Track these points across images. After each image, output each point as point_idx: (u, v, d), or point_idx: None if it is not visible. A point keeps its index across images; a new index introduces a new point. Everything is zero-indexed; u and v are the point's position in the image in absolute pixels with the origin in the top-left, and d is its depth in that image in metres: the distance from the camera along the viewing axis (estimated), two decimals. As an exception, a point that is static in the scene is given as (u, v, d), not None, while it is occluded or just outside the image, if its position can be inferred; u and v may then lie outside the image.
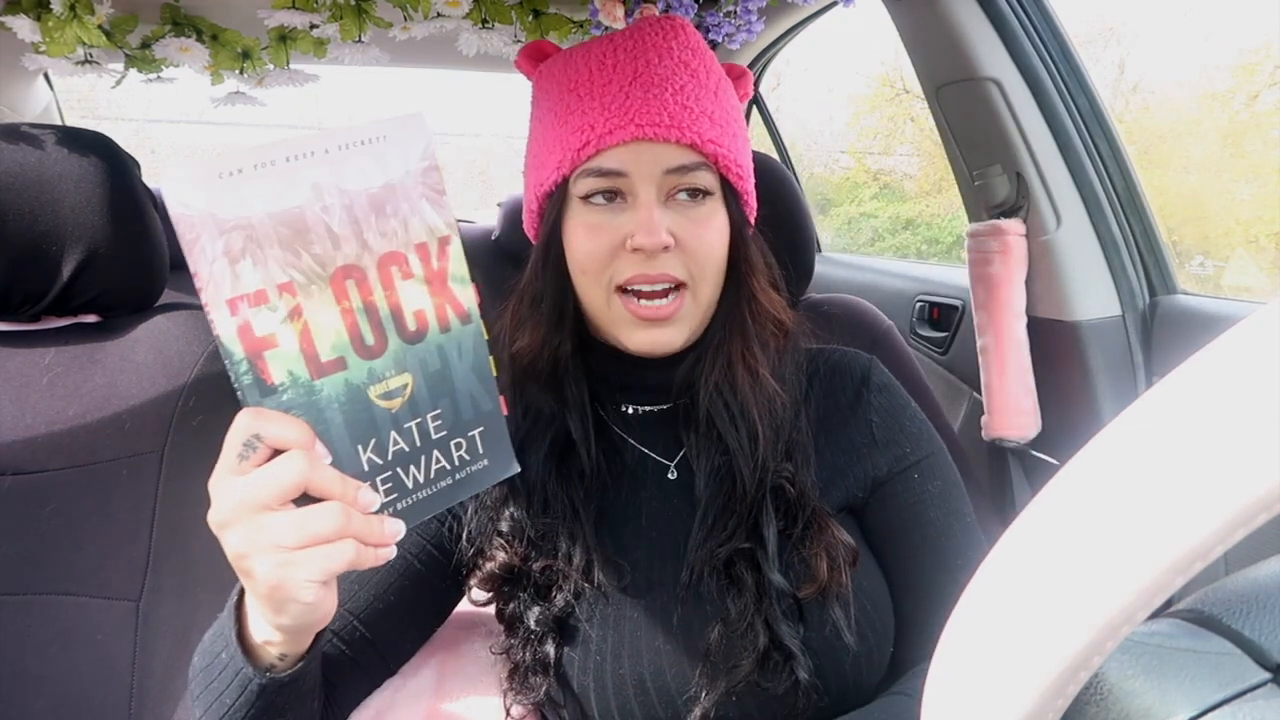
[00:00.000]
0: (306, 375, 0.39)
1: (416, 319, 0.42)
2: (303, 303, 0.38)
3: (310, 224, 0.38)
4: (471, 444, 0.45)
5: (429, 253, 0.42)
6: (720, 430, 0.60)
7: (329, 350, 0.39)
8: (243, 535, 0.38)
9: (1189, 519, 0.18)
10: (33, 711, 0.76)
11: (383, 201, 0.40)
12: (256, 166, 0.37)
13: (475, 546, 0.62)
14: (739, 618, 0.56)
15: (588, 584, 0.59)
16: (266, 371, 0.38)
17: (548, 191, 0.61)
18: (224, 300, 0.37)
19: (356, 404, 0.41)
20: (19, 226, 0.76)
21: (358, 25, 1.07)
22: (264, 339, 0.38)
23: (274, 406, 0.38)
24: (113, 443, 0.80)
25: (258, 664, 0.45)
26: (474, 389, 0.45)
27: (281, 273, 0.38)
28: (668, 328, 0.59)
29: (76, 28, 0.97)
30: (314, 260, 0.39)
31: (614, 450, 0.65)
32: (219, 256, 0.36)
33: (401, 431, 0.42)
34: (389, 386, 0.41)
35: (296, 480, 0.38)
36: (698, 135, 0.57)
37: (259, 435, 0.38)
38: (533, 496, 0.62)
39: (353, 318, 0.40)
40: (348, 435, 0.41)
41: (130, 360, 0.83)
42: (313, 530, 0.38)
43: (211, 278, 0.36)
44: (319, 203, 0.39)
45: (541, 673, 0.58)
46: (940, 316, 1.44)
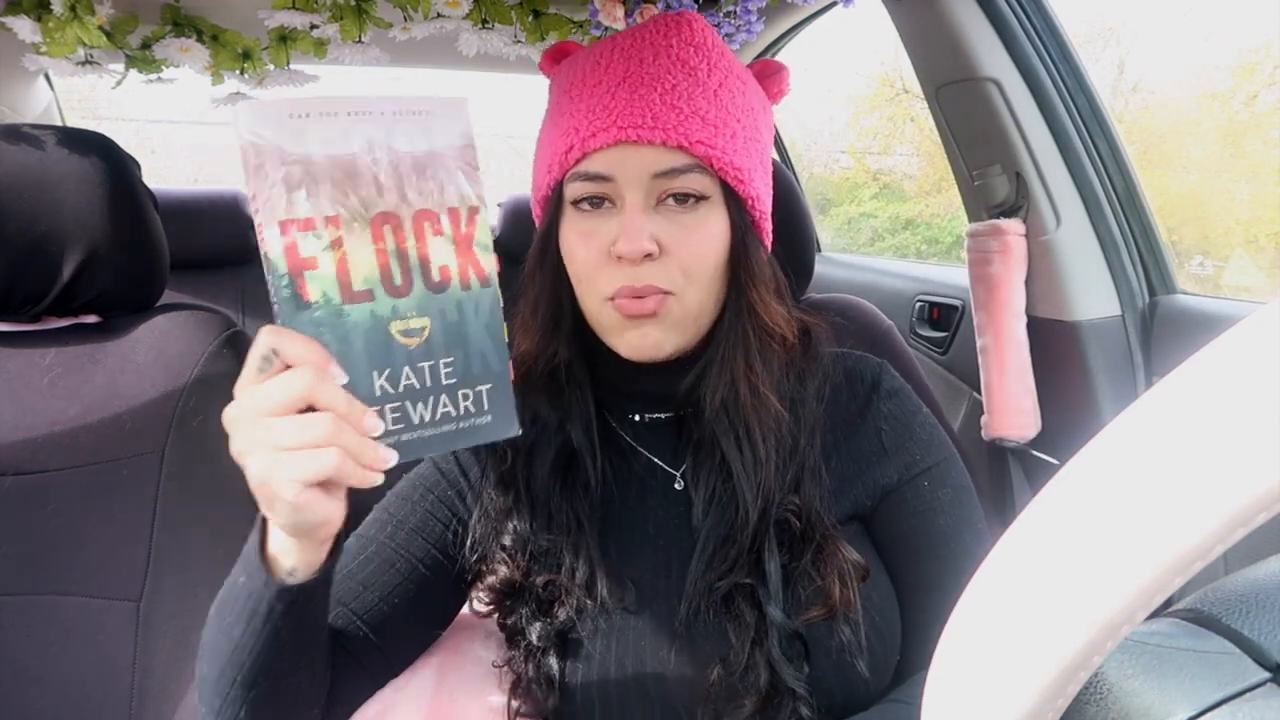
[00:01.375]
0: (339, 299, 0.43)
1: (441, 272, 0.46)
2: (344, 235, 0.43)
3: (360, 170, 0.43)
4: (478, 398, 0.48)
5: (459, 217, 0.47)
6: (724, 451, 0.58)
7: (361, 281, 0.44)
8: (246, 434, 0.41)
9: (1189, 519, 0.18)
10: (33, 711, 0.76)
11: (425, 165, 0.45)
12: (322, 114, 0.42)
13: (478, 556, 0.61)
14: (737, 657, 0.55)
15: (590, 600, 0.58)
16: (305, 289, 0.42)
17: (545, 195, 0.60)
18: (277, 220, 0.41)
19: (378, 334, 0.44)
20: (19, 227, 0.76)
21: (358, 26, 1.07)
22: (307, 260, 0.42)
23: (305, 321, 0.43)
24: (113, 443, 0.80)
25: (272, 574, 0.47)
26: (486, 347, 0.48)
27: (330, 207, 0.43)
28: (653, 326, 0.56)
29: (77, 28, 0.97)
30: (359, 202, 0.43)
31: (621, 457, 0.64)
32: (279, 183, 0.41)
33: (415, 369, 0.46)
34: (409, 325, 0.45)
35: (300, 392, 0.40)
36: (685, 136, 0.54)
37: (276, 350, 0.41)
38: (537, 509, 0.61)
39: (385, 258, 0.44)
40: (365, 360, 0.44)
41: (130, 360, 0.83)
42: (303, 436, 0.40)
43: (269, 200, 0.41)
44: (370, 155, 0.44)
45: (546, 686, 0.58)
46: (940, 316, 1.44)
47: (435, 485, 0.64)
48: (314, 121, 0.42)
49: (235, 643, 0.48)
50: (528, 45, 1.13)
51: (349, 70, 1.27)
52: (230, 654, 0.48)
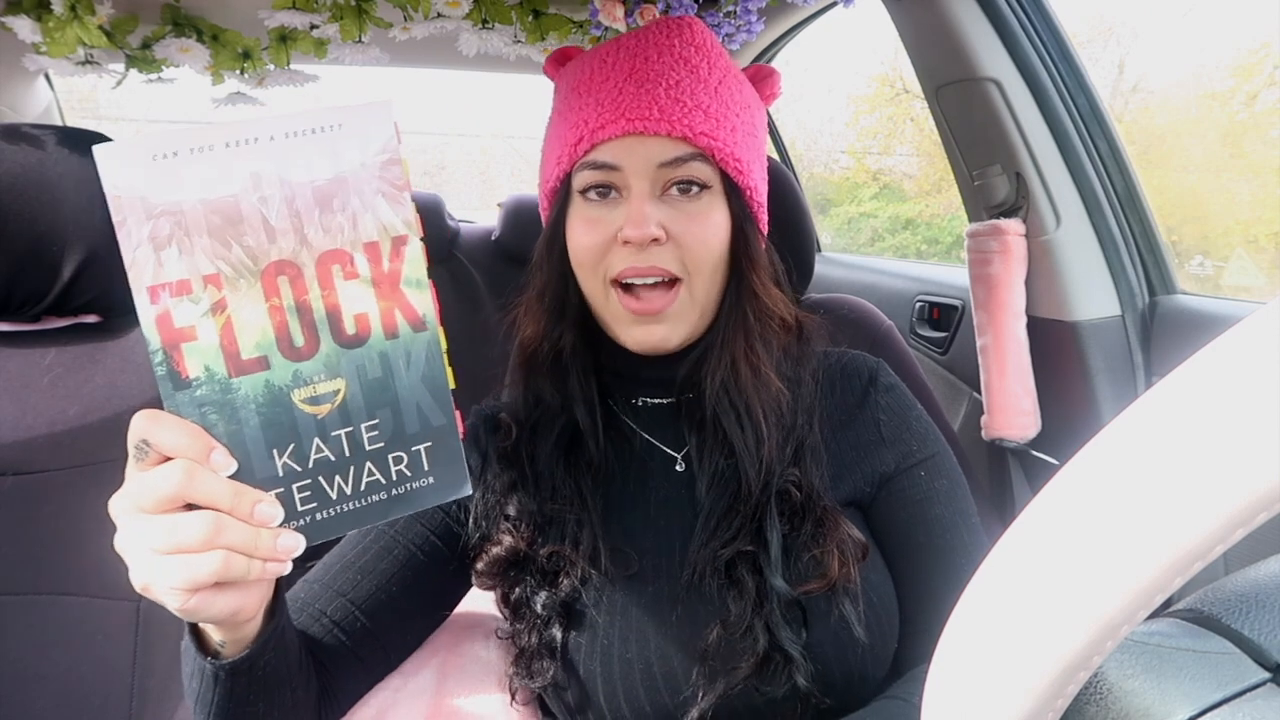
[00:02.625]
0: (224, 372, 0.38)
1: (357, 322, 0.40)
2: (228, 296, 0.37)
3: (245, 214, 0.37)
4: (415, 459, 0.42)
5: (380, 253, 0.40)
6: (726, 430, 0.61)
7: (252, 348, 0.38)
8: (123, 532, 0.38)
9: (1189, 519, 0.18)
10: (34, 711, 0.76)
11: (330, 195, 0.38)
12: (193, 150, 0.36)
13: (481, 531, 0.62)
14: (738, 620, 0.56)
15: (594, 570, 0.59)
16: (182, 364, 0.37)
17: (553, 187, 0.62)
18: (145, 287, 0.36)
19: (277, 406, 0.39)
20: (20, 227, 0.76)
21: (358, 25, 1.07)
22: (182, 330, 0.37)
23: (185, 401, 0.37)
24: (113, 443, 0.80)
25: (204, 649, 0.45)
26: (423, 401, 0.42)
27: (209, 263, 0.36)
28: (661, 324, 0.60)
29: (77, 28, 0.98)
30: (245, 253, 0.37)
31: (623, 440, 0.66)
32: (144, 241, 0.35)
33: (328, 439, 0.40)
34: (316, 391, 0.39)
35: (170, 492, 0.36)
36: (689, 128, 0.58)
37: (148, 442, 0.37)
38: (541, 483, 0.62)
39: (282, 316, 0.38)
40: (263, 438, 0.39)
41: (130, 360, 0.83)
42: (177, 539, 0.36)
43: (135, 263, 0.35)
44: (256, 193, 0.37)
45: (548, 656, 0.59)
46: (940, 316, 1.44)
47: None
48: (184, 161, 0.36)
49: (197, 693, 0.47)
50: (528, 45, 1.13)
51: (349, 70, 1.27)
52: (196, 699, 0.48)
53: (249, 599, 0.41)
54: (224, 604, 0.39)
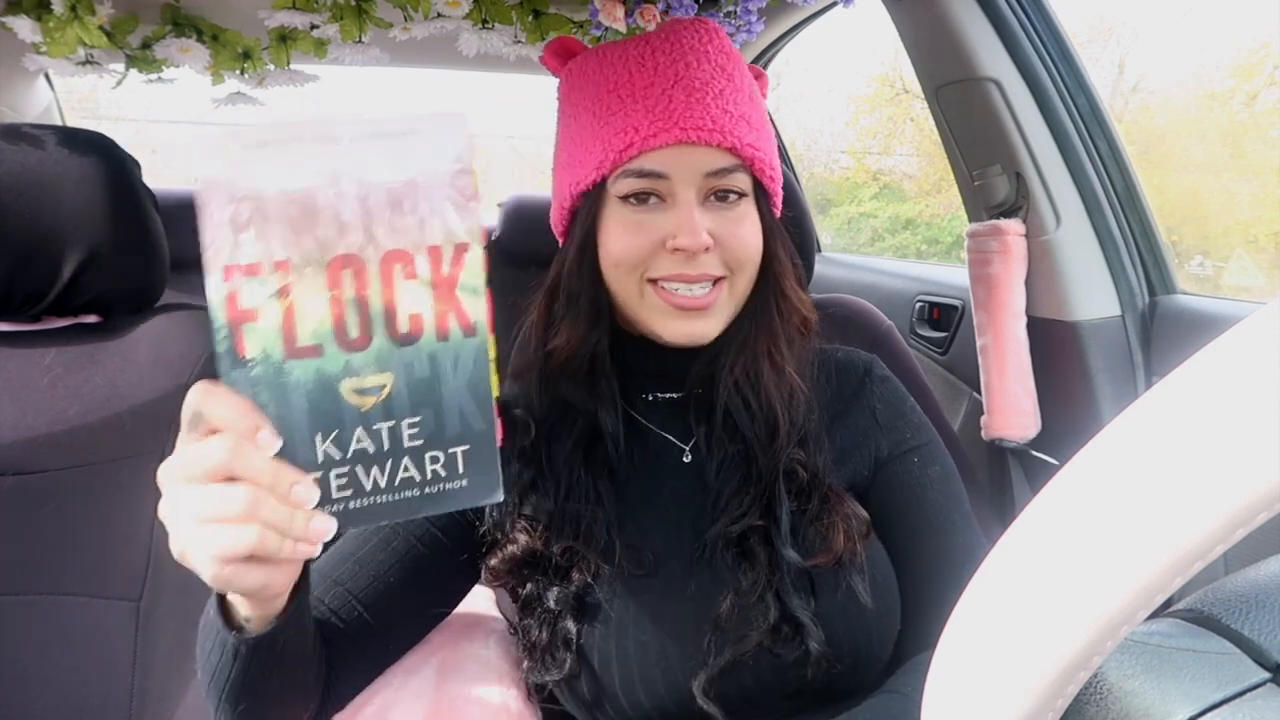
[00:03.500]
0: (280, 355, 0.39)
1: (411, 321, 0.41)
2: (293, 282, 0.38)
3: (320, 207, 0.39)
4: (451, 461, 0.43)
5: (441, 257, 0.41)
6: (737, 422, 0.62)
7: (309, 335, 0.39)
8: (167, 499, 0.40)
9: (1189, 519, 0.18)
10: (33, 711, 0.76)
11: (401, 197, 0.40)
12: (281, 143, 0.38)
13: (497, 527, 0.63)
14: (750, 589, 0.58)
15: (608, 565, 0.60)
16: (241, 343, 0.38)
17: (584, 190, 0.62)
18: (220, 265, 0.37)
19: (325, 394, 0.40)
20: (20, 227, 0.76)
21: (358, 25, 1.07)
22: (247, 311, 0.38)
23: (240, 378, 0.39)
24: (113, 443, 0.80)
25: (229, 623, 0.46)
26: (465, 405, 0.43)
27: (280, 249, 0.38)
28: (705, 318, 0.61)
29: (77, 28, 0.98)
30: (315, 243, 0.39)
31: (636, 435, 0.67)
32: (224, 223, 0.37)
33: (369, 431, 0.41)
34: (364, 383, 0.41)
35: (215, 464, 0.38)
36: (738, 140, 0.59)
37: (200, 414, 0.39)
38: (559, 482, 0.63)
39: (340, 307, 0.40)
40: (308, 423, 0.40)
41: (130, 360, 0.83)
42: (216, 510, 0.38)
43: (213, 242, 0.37)
44: (333, 188, 0.39)
45: (564, 648, 0.59)
46: (940, 316, 1.44)
47: None
48: (269, 151, 0.38)
49: (214, 667, 0.48)
50: (528, 45, 1.13)
51: (350, 70, 1.27)
52: (212, 675, 0.49)
53: (278, 576, 0.42)
54: (254, 577, 0.40)
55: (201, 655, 0.50)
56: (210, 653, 0.48)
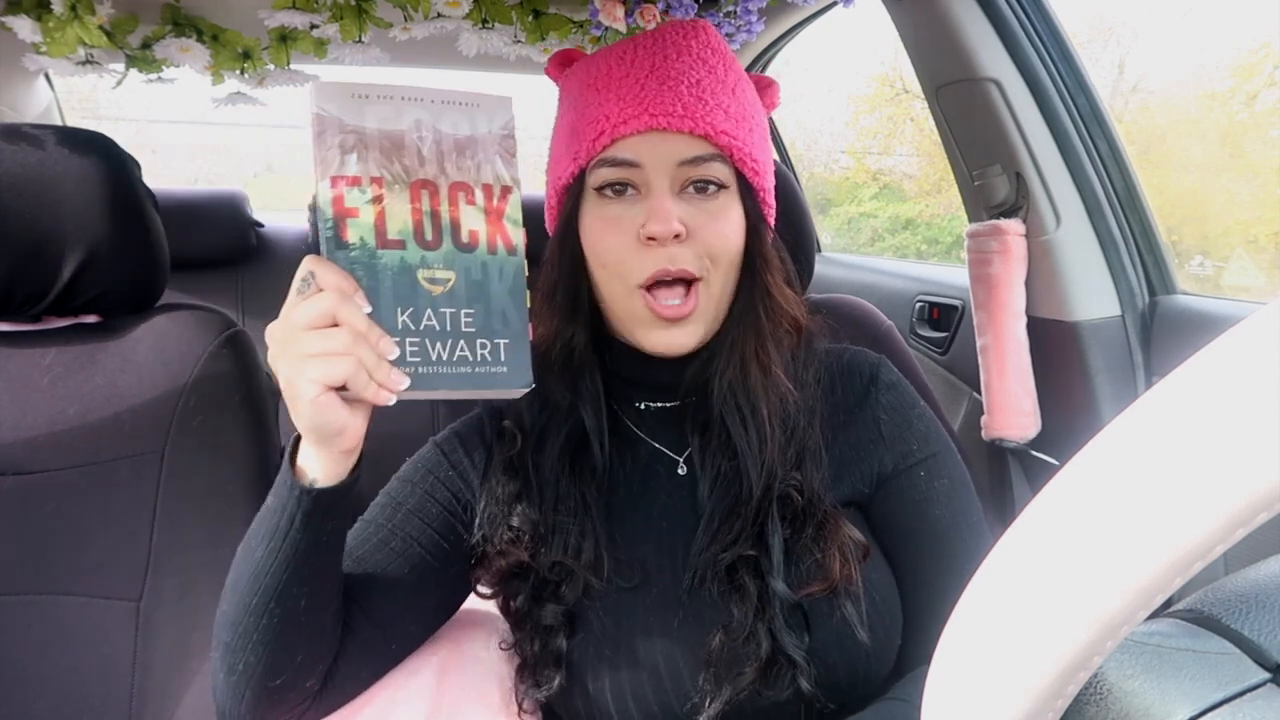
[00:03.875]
0: (374, 243, 0.49)
1: (470, 235, 0.51)
2: (385, 194, 0.49)
3: (407, 144, 0.50)
4: (495, 349, 0.52)
5: (492, 192, 0.52)
6: (730, 431, 0.60)
7: (395, 232, 0.49)
8: (279, 342, 0.47)
9: (1189, 519, 0.18)
10: (33, 711, 0.76)
11: (465, 146, 0.51)
12: (380, 97, 0.49)
13: (484, 537, 0.62)
14: (740, 625, 0.56)
15: (597, 579, 0.59)
16: (345, 232, 0.48)
17: (565, 184, 0.62)
18: (329, 175, 0.48)
19: (406, 277, 0.49)
20: (20, 227, 0.76)
21: (358, 25, 1.07)
22: (350, 209, 0.48)
23: (342, 258, 0.48)
24: (113, 443, 0.80)
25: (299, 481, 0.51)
26: (506, 306, 0.52)
27: (376, 169, 0.49)
28: (684, 327, 0.60)
29: (77, 28, 0.98)
30: (402, 168, 0.50)
31: (627, 445, 0.66)
32: (335, 147, 0.48)
33: (437, 312, 0.50)
34: (435, 274, 0.50)
35: (326, 309, 0.46)
36: (711, 127, 0.58)
37: (313, 273, 0.47)
38: (545, 492, 0.62)
39: (420, 216, 0.50)
40: (392, 297, 0.49)
41: (131, 360, 0.83)
42: (324, 344, 0.46)
43: (325, 159, 0.48)
44: (417, 132, 0.50)
45: (553, 666, 0.59)
46: (940, 316, 1.44)
47: (436, 467, 0.65)
48: (372, 101, 0.49)
49: (256, 565, 0.52)
50: (528, 45, 1.13)
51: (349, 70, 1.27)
52: (250, 579, 0.52)
53: (355, 422, 0.49)
54: (340, 414, 0.47)
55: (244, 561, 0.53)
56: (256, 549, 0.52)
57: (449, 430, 0.68)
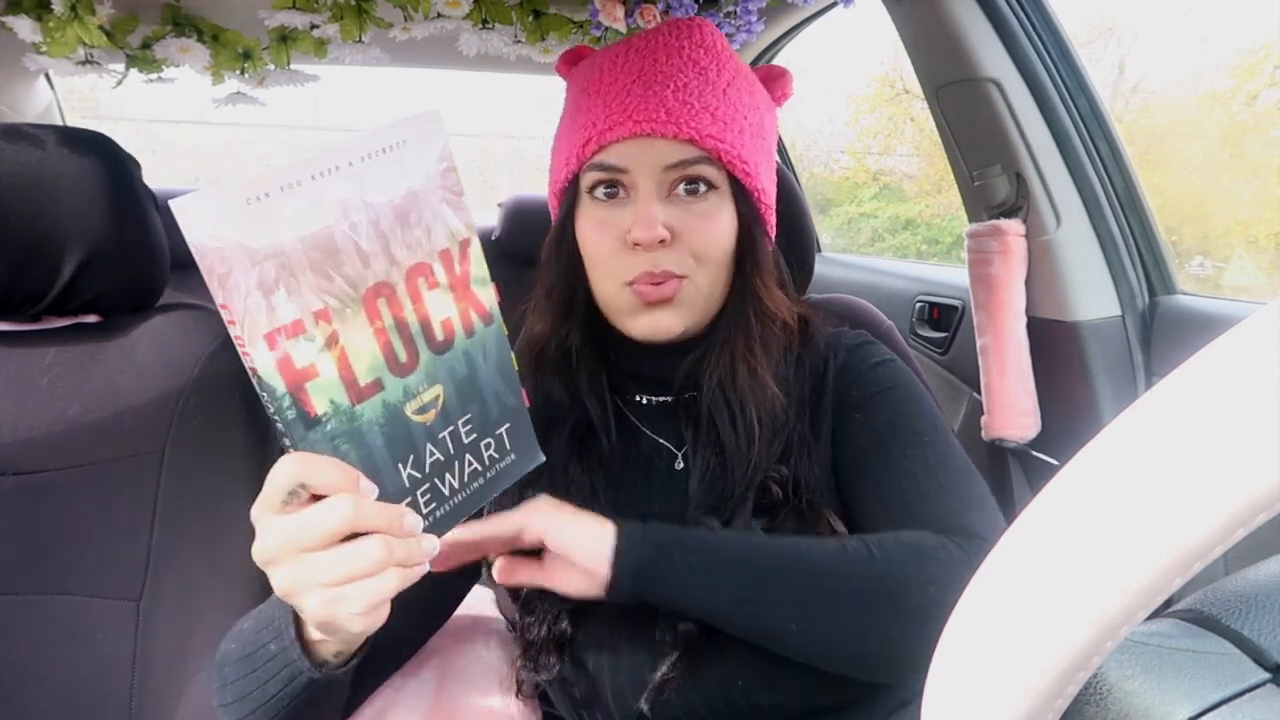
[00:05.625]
0: (348, 402, 0.38)
1: (444, 328, 0.42)
2: (338, 328, 0.37)
3: (340, 244, 0.37)
4: (500, 442, 0.46)
5: (452, 259, 0.41)
6: (719, 429, 0.61)
7: (366, 373, 0.38)
8: (290, 574, 0.39)
9: (1188, 519, 0.18)
10: (33, 711, 0.76)
11: (406, 211, 0.39)
12: (283, 189, 0.35)
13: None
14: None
15: None
16: (309, 403, 0.37)
17: (562, 187, 0.63)
18: (262, 335, 0.35)
19: (395, 423, 0.40)
20: (19, 226, 0.76)
21: (358, 25, 1.07)
22: (304, 370, 0.36)
23: (319, 438, 0.37)
24: (113, 443, 0.80)
25: (312, 659, 0.45)
26: (499, 388, 0.45)
27: (316, 299, 0.36)
28: (667, 311, 0.60)
29: (77, 28, 0.98)
30: (346, 282, 0.37)
31: (630, 436, 0.67)
32: (253, 290, 0.34)
33: (436, 442, 0.42)
34: (423, 401, 0.41)
35: (341, 526, 0.38)
36: (696, 131, 0.58)
37: (305, 484, 0.38)
38: (555, 479, 0.63)
39: (386, 337, 0.39)
40: (389, 455, 0.40)
41: (131, 360, 0.83)
42: (358, 568, 0.38)
43: (247, 313, 0.34)
44: (346, 221, 0.37)
45: (556, 650, 0.60)
46: (940, 317, 1.44)
47: None
48: (275, 201, 0.35)
49: (269, 696, 0.48)
50: (528, 45, 1.13)
51: (350, 70, 1.27)
52: (262, 704, 0.48)
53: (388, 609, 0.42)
54: (380, 618, 0.41)
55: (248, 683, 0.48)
56: (268, 683, 0.47)
57: None
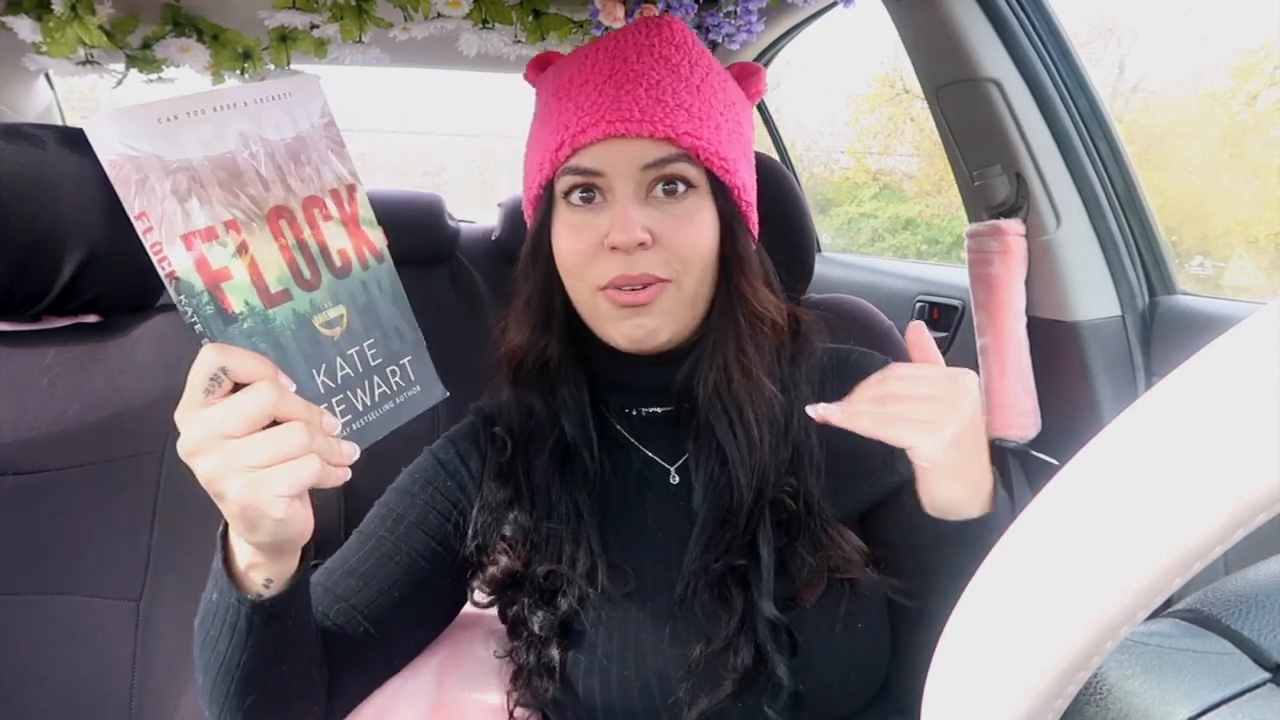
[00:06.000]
0: (261, 305, 0.42)
1: (340, 256, 0.46)
2: (247, 239, 0.41)
3: (242, 168, 0.41)
4: (404, 371, 0.49)
5: (341, 198, 0.46)
6: (719, 437, 0.59)
7: (275, 282, 0.42)
8: (214, 461, 0.40)
9: (1188, 519, 0.18)
10: (33, 711, 0.76)
11: (297, 151, 0.44)
12: (190, 114, 0.39)
13: (478, 546, 0.62)
14: (722, 636, 0.55)
15: (591, 589, 0.58)
16: (226, 301, 0.40)
17: (536, 194, 0.61)
18: (179, 236, 0.39)
19: (305, 331, 0.44)
20: (19, 226, 0.76)
21: (358, 25, 1.07)
22: (220, 271, 0.40)
23: (236, 334, 0.41)
24: (113, 443, 0.80)
25: (245, 591, 0.46)
26: (397, 322, 0.48)
27: (225, 211, 0.40)
28: (649, 315, 0.57)
29: (77, 28, 0.97)
30: (250, 201, 0.41)
31: (619, 451, 0.65)
32: (168, 195, 0.38)
33: (345, 358, 0.46)
34: (328, 316, 0.45)
35: (266, 408, 0.40)
36: (671, 129, 0.56)
37: (225, 369, 0.40)
38: (537, 500, 0.61)
39: (290, 254, 0.43)
40: (303, 360, 0.43)
41: (130, 360, 0.83)
42: (280, 450, 0.40)
43: (164, 216, 0.38)
44: (246, 149, 0.42)
45: (547, 676, 0.58)
46: (940, 316, 1.44)
47: (434, 478, 0.64)
48: (184, 124, 0.39)
49: (222, 657, 0.48)
50: (528, 45, 1.13)
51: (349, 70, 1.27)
52: (219, 668, 0.49)
53: (311, 518, 0.44)
54: (304, 516, 0.43)
55: (206, 650, 0.49)
56: (218, 640, 0.48)
57: (444, 438, 0.68)
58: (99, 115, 0.37)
